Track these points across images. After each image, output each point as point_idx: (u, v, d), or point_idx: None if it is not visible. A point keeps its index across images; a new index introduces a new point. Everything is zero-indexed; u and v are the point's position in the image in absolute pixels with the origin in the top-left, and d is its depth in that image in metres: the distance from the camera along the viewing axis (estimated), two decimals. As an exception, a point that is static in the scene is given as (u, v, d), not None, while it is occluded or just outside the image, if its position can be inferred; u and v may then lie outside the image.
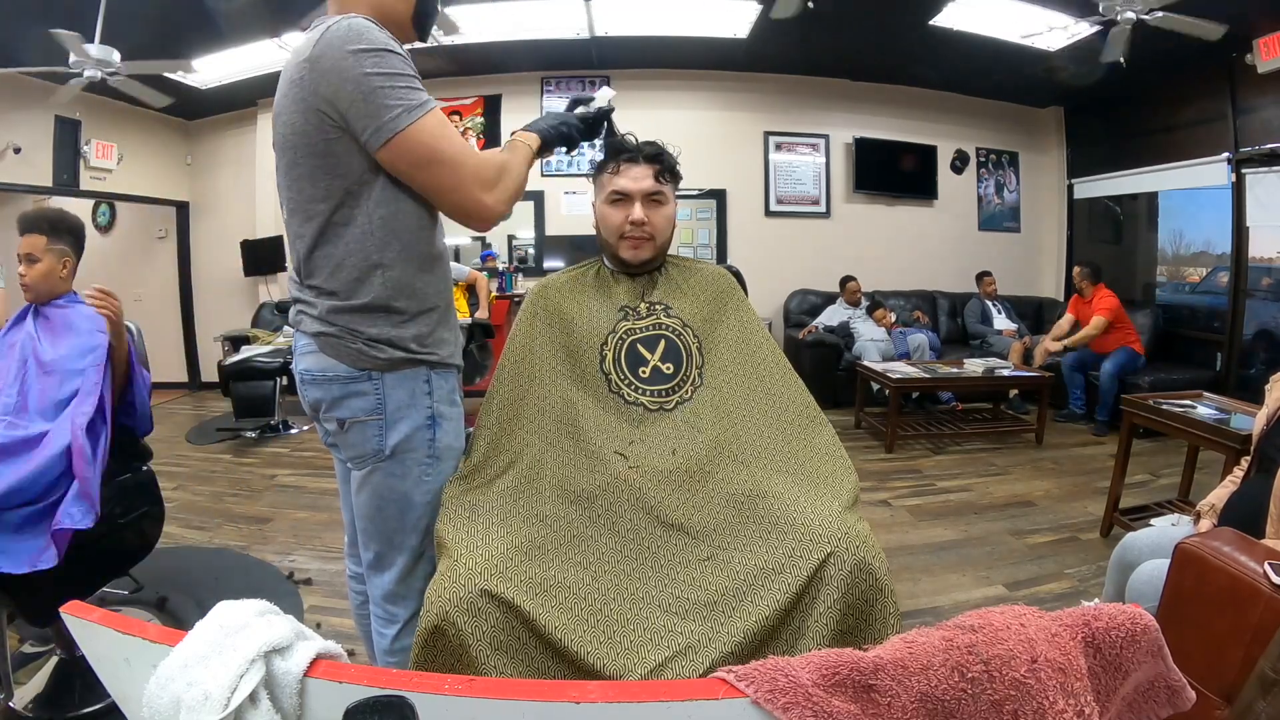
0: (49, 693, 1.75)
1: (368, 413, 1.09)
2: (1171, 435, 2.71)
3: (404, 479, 1.13)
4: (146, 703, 0.59)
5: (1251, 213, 4.51)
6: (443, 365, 1.15)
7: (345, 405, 1.10)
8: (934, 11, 4.18)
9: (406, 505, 1.14)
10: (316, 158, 1.03)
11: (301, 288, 1.12)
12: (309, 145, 1.02)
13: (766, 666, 0.57)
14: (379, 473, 1.12)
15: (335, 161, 1.02)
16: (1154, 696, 0.67)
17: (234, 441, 4.36)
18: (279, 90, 1.08)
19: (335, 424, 1.11)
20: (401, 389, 1.10)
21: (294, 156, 1.05)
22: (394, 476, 1.12)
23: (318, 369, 1.10)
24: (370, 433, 1.10)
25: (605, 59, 5.34)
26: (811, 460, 1.24)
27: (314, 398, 1.13)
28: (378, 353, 1.07)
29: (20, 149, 4.68)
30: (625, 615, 1.00)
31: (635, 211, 1.32)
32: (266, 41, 4.44)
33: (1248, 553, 1.17)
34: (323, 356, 1.09)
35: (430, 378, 1.12)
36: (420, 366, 1.11)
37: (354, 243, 1.05)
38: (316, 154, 1.02)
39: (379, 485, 1.13)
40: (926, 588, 2.34)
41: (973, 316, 5.59)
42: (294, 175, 1.06)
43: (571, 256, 5.45)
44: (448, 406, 1.16)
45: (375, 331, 1.07)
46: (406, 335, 1.09)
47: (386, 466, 1.12)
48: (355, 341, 1.07)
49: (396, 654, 1.17)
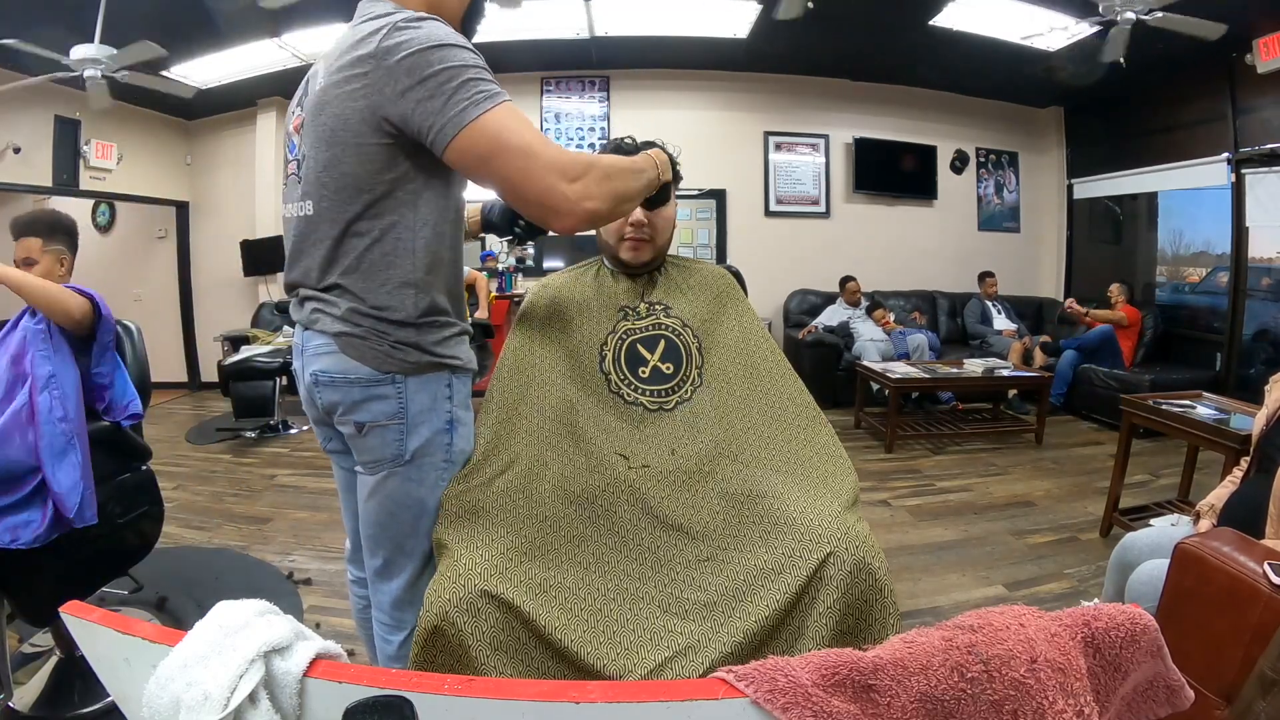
0: (49, 693, 1.75)
1: (389, 417, 1.05)
2: (1171, 435, 2.72)
3: (420, 484, 1.10)
4: (146, 703, 0.59)
5: (1251, 213, 4.52)
6: (463, 370, 1.13)
7: (365, 409, 1.05)
8: (934, 11, 4.18)
9: (421, 511, 1.11)
10: (364, 160, 0.98)
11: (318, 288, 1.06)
12: (359, 145, 0.97)
13: (766, 666, 0.57)
14: (396, 478, 1.09)
15: (383, 165, 0.98)
16: (1153, 696, 0.67)
17: (234, 441, 4.36)
18: (323, 79, 1.00)
19: (354, 428, 1.07)
20: (424, 393, 1.07)
21: (338, 153, 0.99)
22: (411, 482, 1.09)
23: (337, 370, 1.05)
24: (390, 437, 1.06)
25: (605, 59, 5.34)
26: (811, 460, 1.24)
27: (329, 401, 1.07)
28: (405, 355, 1.04)
29: (20, 149, 4.68)
30: (625, 615, 0.99)
31: (636, 213, 1.32)
32: (266, 41, 4.44)
33: (1247, 553, 1.17)
34: (343, 358, 1.04)
35: (451, 382, 1.10)
36: (443, 370, 1.09)
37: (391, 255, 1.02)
38: (365, 155, 0.97)
39: (395, 490, 1.10)
40: (926, 588, 2.35)
41: (972, 316, 5.60)
42: (333, 173, 1.00)
43: (571, 256, 5.45)
44: (464, 411, 1.14)
45: (403, 335, 1.04)
46: (431, 340, 1.07)
47: (404, 472, 1.09)
48: (383, 344, 1.03)
49: (401, 660, 1.15)
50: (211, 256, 6.13)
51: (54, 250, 1.77)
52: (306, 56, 4.71)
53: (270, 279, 5.93)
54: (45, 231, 1.75)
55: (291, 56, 4.70)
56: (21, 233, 1.74)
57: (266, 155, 5.84)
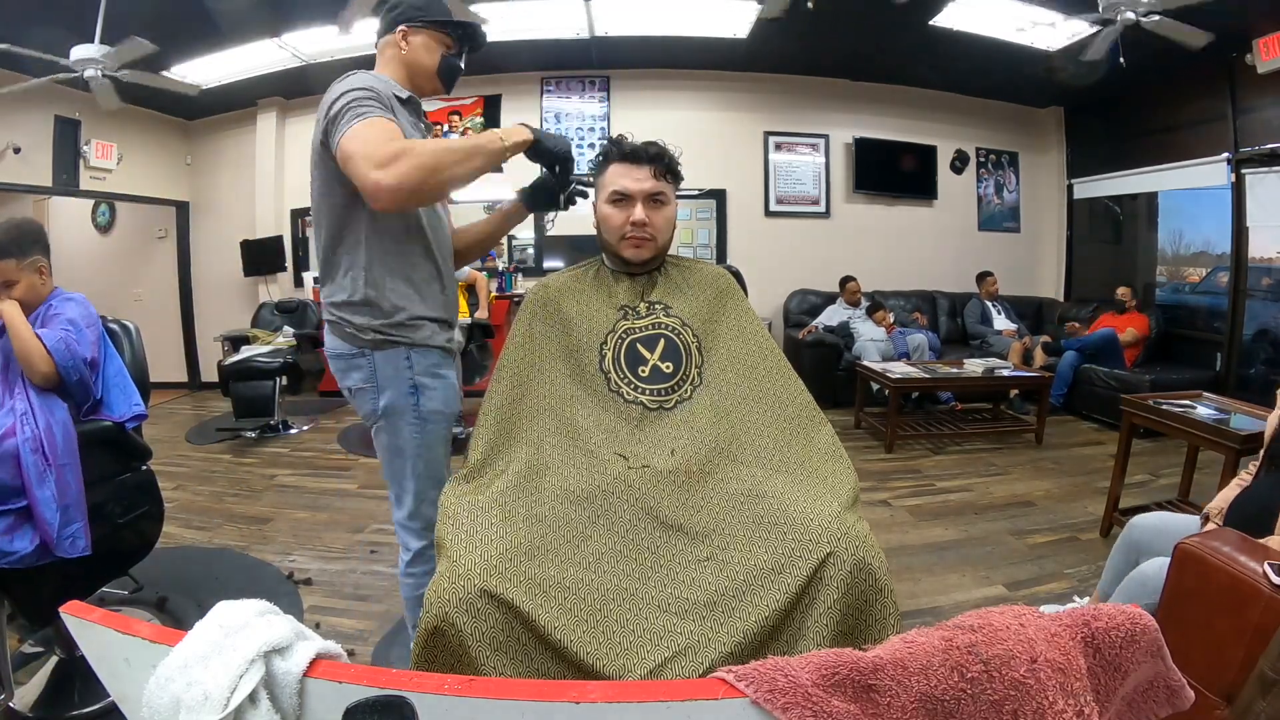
0: (49, 693, 1.75)
1: (363, 381, 1.38)
2: (1171, 435, 2.72)
3: (397, 435, 1.40)
4: (146, 703, 0.59)
5: (1251, 213, 4.52)
6: (421, 345, 1.39)
7: (349, 375, 1.40)
8: (934, 11, 4.18)
9: (400, 455, 1.41)
10: (322, 181, 1.31)
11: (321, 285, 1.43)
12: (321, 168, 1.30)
13: (766, 666, 0.57)
14: (381, 431, 1.42)
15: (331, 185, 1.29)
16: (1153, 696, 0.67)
17: (234, 441, 4.36)
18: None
19: (346, 391, 1.42)
20: (388, 364, 1.37)
21: (313, 174, 1.33)
22: (388, 433, 1.41)
23: (330, 347, 1.41)
24: (367, 397, 1.39)
25: (605, 59, 5.34)
26: (811, 460, 1.24)
27: (333, 369, 1.43)
28: (363, 335, 1.35)
29: (20, 149, 4.68)
30: (625, 615, 0.99)
31: (637, 213, 1.32)
32: (266, 41, 4.44)
33: (1248, 553, 1.18)
34: (332, 338, 1.40)
35: (410, 354, 1.38)
36: (400, 347, 1.37)
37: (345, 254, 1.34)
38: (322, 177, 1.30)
39: (383, 440, 1.42)
40: (926, 588, 2.34)
41: (972, 317, 5.59)
42: (312, 192, 1.35)
43: (571, 256, 5.45)
44: (429, 378, 1.40)
45: (361, 321, 1.35)
46: (385, 324, 1.35)
47: (383, 424, 1.40)
48: (347, 327, 1.36)
49: (409, 577, 1.46)
50: (211, 256, 6.13)
51: (30, 263, 1.71)
52: (307, 56, 4.71)
53: (270, 279, 5.93)
54: (15, 250, 1.68)
55: (291, 56, 4.70)
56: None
57: (266, 155, 5.84)
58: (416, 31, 1.41)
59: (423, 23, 1.41)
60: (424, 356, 1.39)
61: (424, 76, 1.44)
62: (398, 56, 1.41)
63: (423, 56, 1.42)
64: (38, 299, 1.75)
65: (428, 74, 1.44)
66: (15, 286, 1.69)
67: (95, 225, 6.32)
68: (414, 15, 1.41)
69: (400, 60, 1.41)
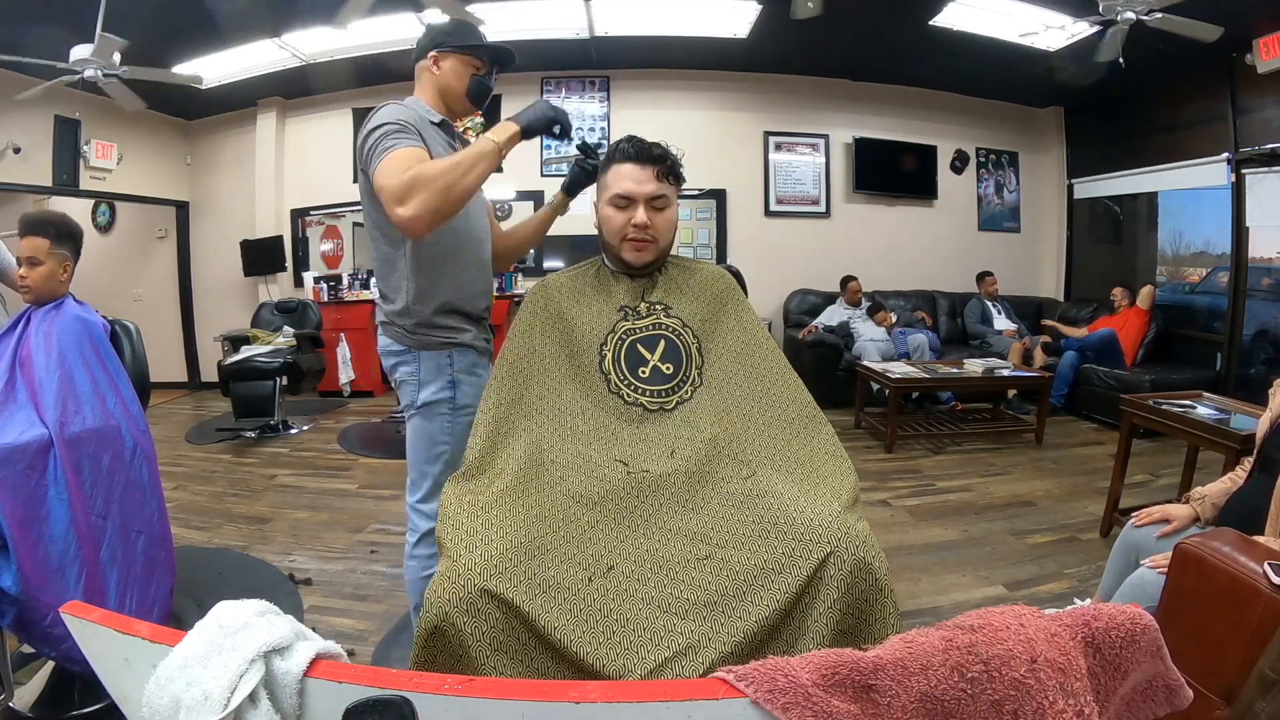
0: (49, 693, 1.75)
1: (409, 375, 1.54)
2: (1171, 435, 2.72)
3: (431, 422, 1.55)
4: (146, 703, 0.59)
5: (1251, 213, 4.51)
6: (462, 346, 1.55)
7: (397, 369, 1.57)
8: (934, 11, 4.18)
9: (431, 442, 1.55)
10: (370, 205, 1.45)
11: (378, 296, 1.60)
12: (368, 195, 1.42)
13: (766, 666, 0.57)
14: (417, 417, 1.56)
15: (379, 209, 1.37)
16: (1152, 695, 0.67)
17: (234, 441, 4.36)
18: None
19: (393, 380, 1.59)
20: (431, 362, 1.53)
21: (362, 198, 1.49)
22: (424, 419, 1.55)
23: (384, 345, 1.58)
24: (410, 389, 1.55)
25: (605, 59, 5.34)
26: (811, 460, 1.24)
27: (384, 364, 1.59)
28: (411, 336, 1.52)
29: (20, 149, 4.68)
30: (625, 615, 0.99)
31: (639, 215, 1.32)
32: (266, 41, 4.44)
33: (1247, 553, 1.17)
34: (384, 338, 1.57)
35: (452, 354, 1.54)
36: (445, 348, 1.53)
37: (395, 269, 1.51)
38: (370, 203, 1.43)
39: (416, 426, 1.56)
40: (926, 588, 2.35)
41: (972, 317, 5.59)
42: (365, 215, 1.52)
43: (571, 256, 5.44)
44: (466, 375, 1.56)
45: (409, 324, 1.52)
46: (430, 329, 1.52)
47: (421, 413, 1.55)
48: (398, 330, 1.54)
49: (414, 559, 1.59)
50: (211, 256, 6.13)
51: (59, 254, 1.78)
52: (306, 56, 4.71)
53: (270, 279, 5.93)
54: (54, 234, 1.77)
55: (291, 56, 4.70)
56: (30, 231, 1.74)
57: (266, 155, 5.84)
58: (447, 56, 1.52)
59: (452, 47, 1.52)
60: (463, 356, 1.56)
61: (454, 99, 1.55)
62: (432, 80, 1.54)
63: (453, 80, 1.53)
64: (52, 293, 1.79)
65: (457, 97, 1.55)
66: (39, 268, 1.75)
67: (95, 225, 6.31)
68: (444, 40, 1.52)
69: (433, 84, 1.54)
